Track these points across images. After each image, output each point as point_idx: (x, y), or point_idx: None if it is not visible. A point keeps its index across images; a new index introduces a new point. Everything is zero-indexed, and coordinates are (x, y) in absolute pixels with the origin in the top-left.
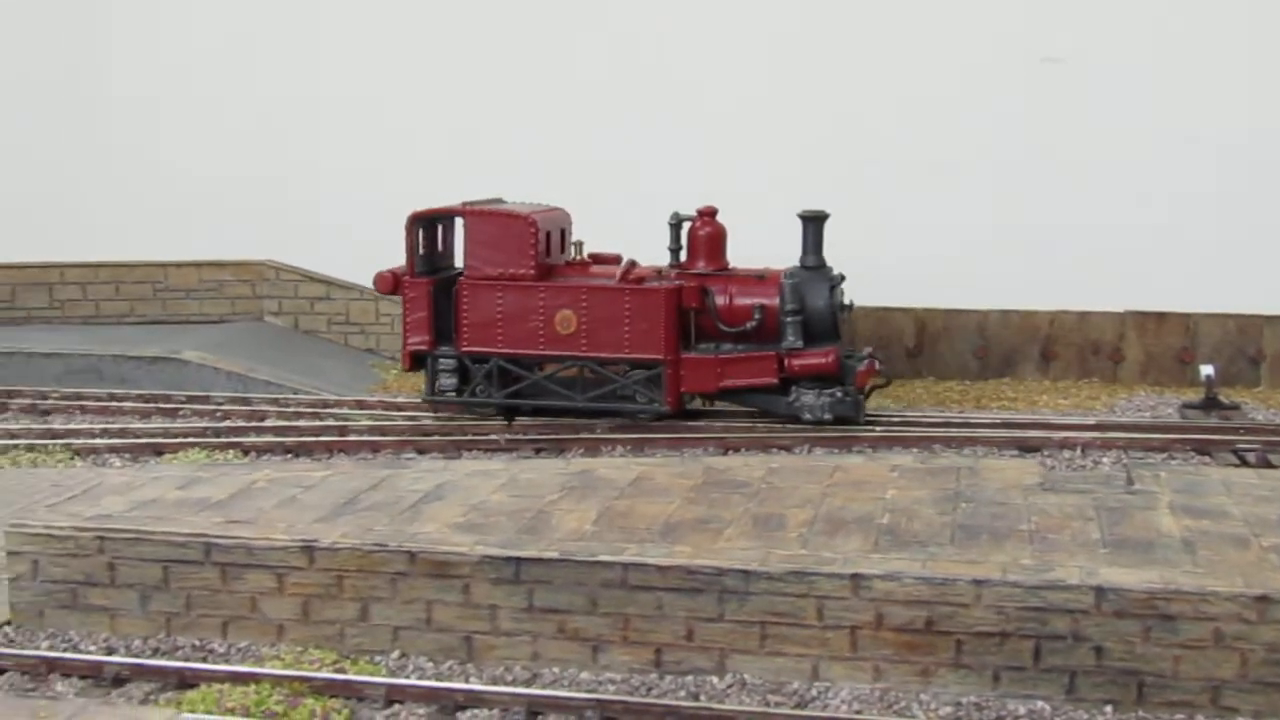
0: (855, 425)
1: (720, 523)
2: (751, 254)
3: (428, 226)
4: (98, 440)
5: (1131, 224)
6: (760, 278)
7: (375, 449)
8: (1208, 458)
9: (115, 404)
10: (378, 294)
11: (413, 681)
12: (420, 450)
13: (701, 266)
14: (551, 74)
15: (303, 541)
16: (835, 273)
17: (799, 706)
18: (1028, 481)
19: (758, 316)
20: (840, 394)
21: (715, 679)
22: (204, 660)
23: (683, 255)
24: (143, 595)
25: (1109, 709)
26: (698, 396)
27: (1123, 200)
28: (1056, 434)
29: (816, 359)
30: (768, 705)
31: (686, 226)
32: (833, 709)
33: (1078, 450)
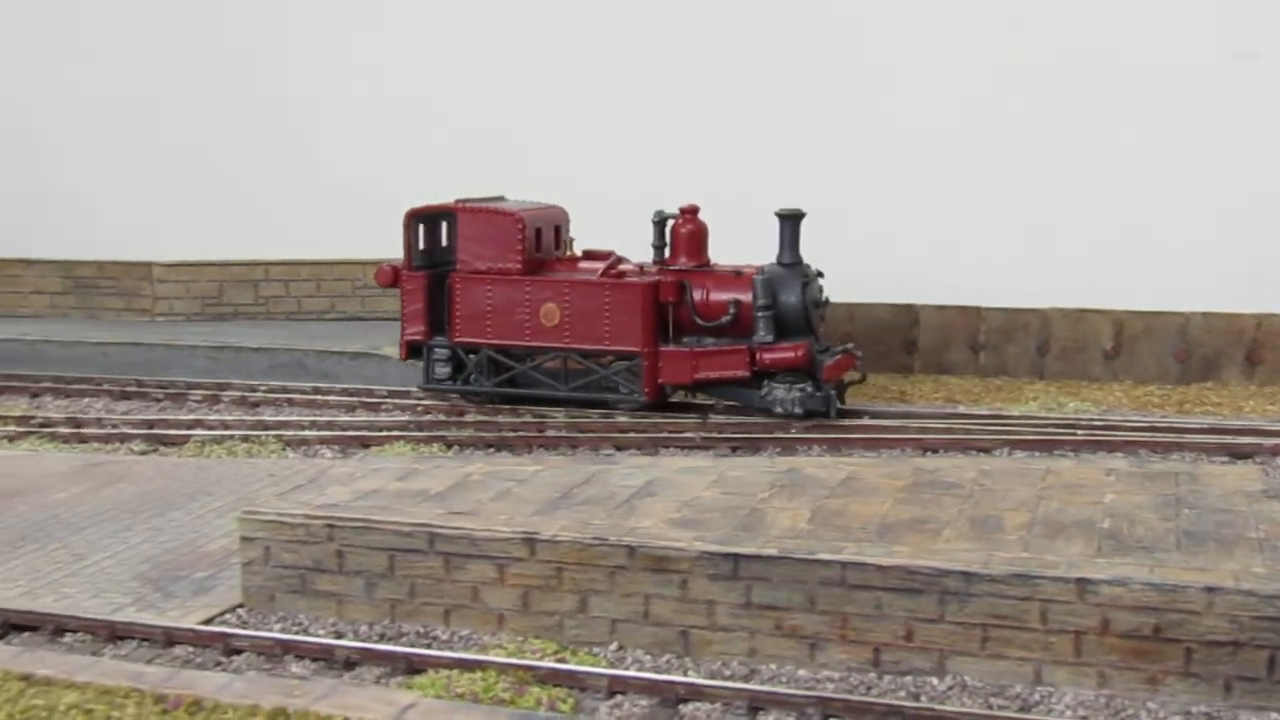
0: (828, 419)
1: (936, 523)
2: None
3: (426, 222)
4: (307, 432)
5: None
6: (737, 274)
7: (574, 445)
8: None
9: (320, 397)
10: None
11: (634, 673)
12: (617, 446)
13: (683, 263)
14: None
15: (523, 533)
16: (812, 270)
17: (1023, 710)
18: (1250, 488)
19: (732, 311)
20: (810, 389)
21: (935, 680)
22: (428, 647)
23: (668, 252)
24: (369, 582)
25: None
26: (677, 388)
27: None
28: (1268, 440)
29: (786, 353)
30: (990, 708)
31: (670, 224)
32: (1057, 714)
33: None
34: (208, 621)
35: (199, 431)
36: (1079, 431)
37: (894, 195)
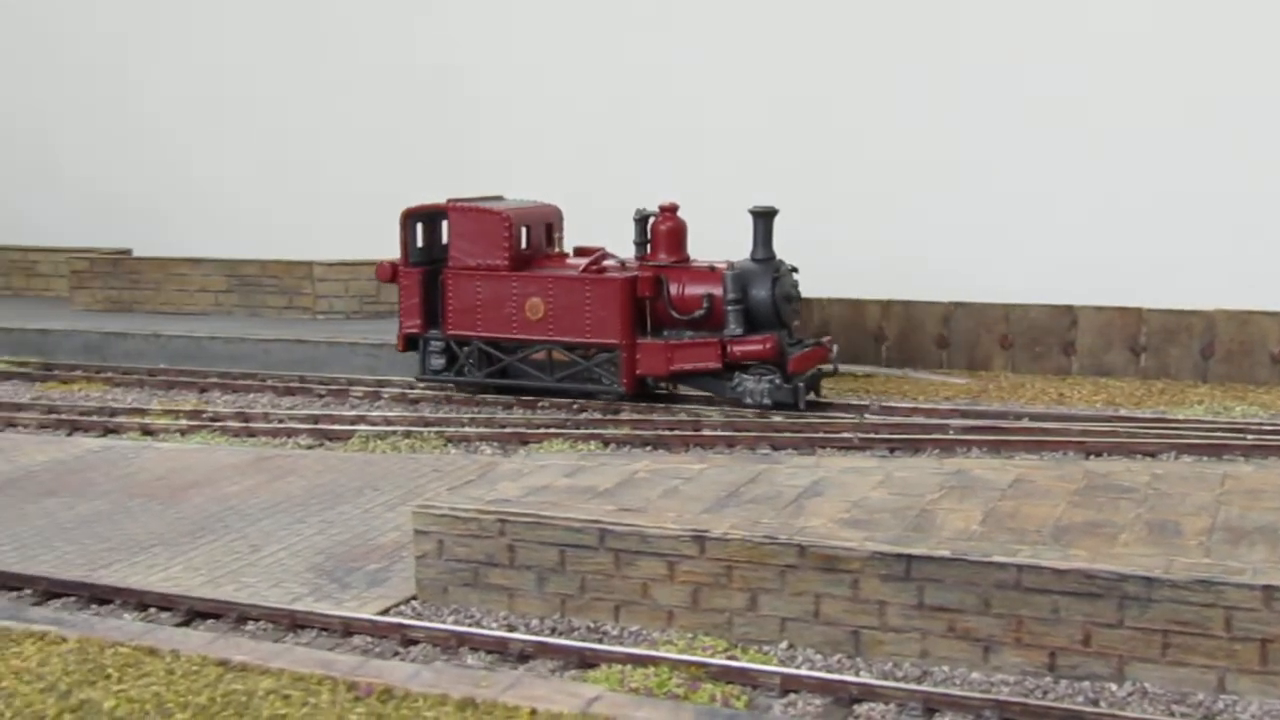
0: (795, 411)
1: (1112, 527)
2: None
3: (424, 221)
4: (467, 429)
5: None
6: (711, 269)
7: (730, 444)
8: None
9: (480, 395)
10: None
11: (807, 672)
12: (773, 446)
13: (662, 258)
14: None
15: (693, 531)
16: (784, 266)
17: (1206, 719)
18: None
19: (706, 305)
20: (779, 380)
21: (1114, 686)
22: (599, 642)
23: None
24: (540, 577)
25: None
26: (655, 379)
27: None
28: None
29: (755, 345)
30: (1172, 715)
31: (651, 222)
32: None
33: None
34: (384, 612)
35: (362, 427)
36: (1249, 436)
37: (1052, 196)
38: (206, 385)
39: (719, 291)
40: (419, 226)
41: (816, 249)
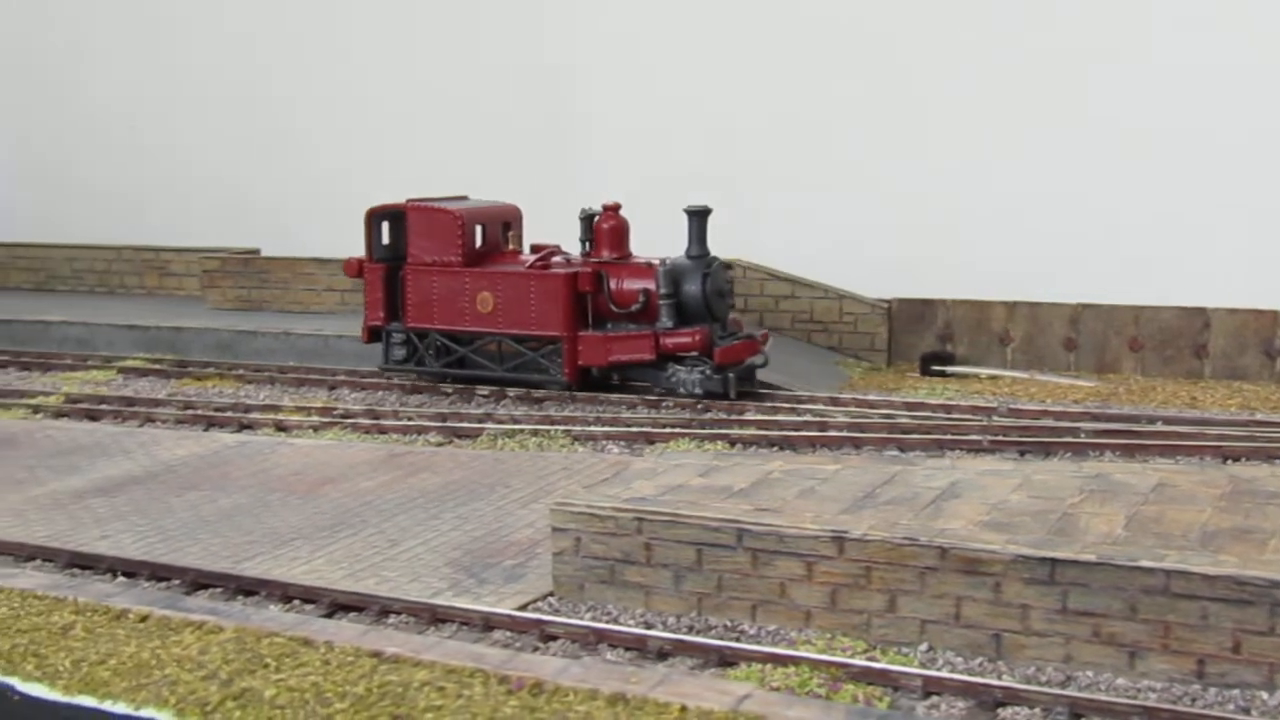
0: (728, 400)
1: (1262, 533)
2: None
3: (389, 220)
4: (593, 428)
5: None
6: (649, 265)
7: (857, 445)
8: None
9: (601, 395)
10: (828, 294)
11: (950, 675)
12: (901, 447)
13: (605, 255)
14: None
15: (832, 532)
16: (716, 262)
17: None
18: None
19: (642, 300)
20: (709, 371)
21: (1265, 694)
22: (737, 640)
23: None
24: (676, 575)
25: None
26: (598, 370)
27: None
28: None
29: (685, 338)
30: None
31: (595, 220)
32: None
33: None
34: (522, 608)
35: (490, 425)
36: None
37: (1184, 198)
38: (335, 383)
39: (654, 286)
40: (384, 225)
41: (943, 249)
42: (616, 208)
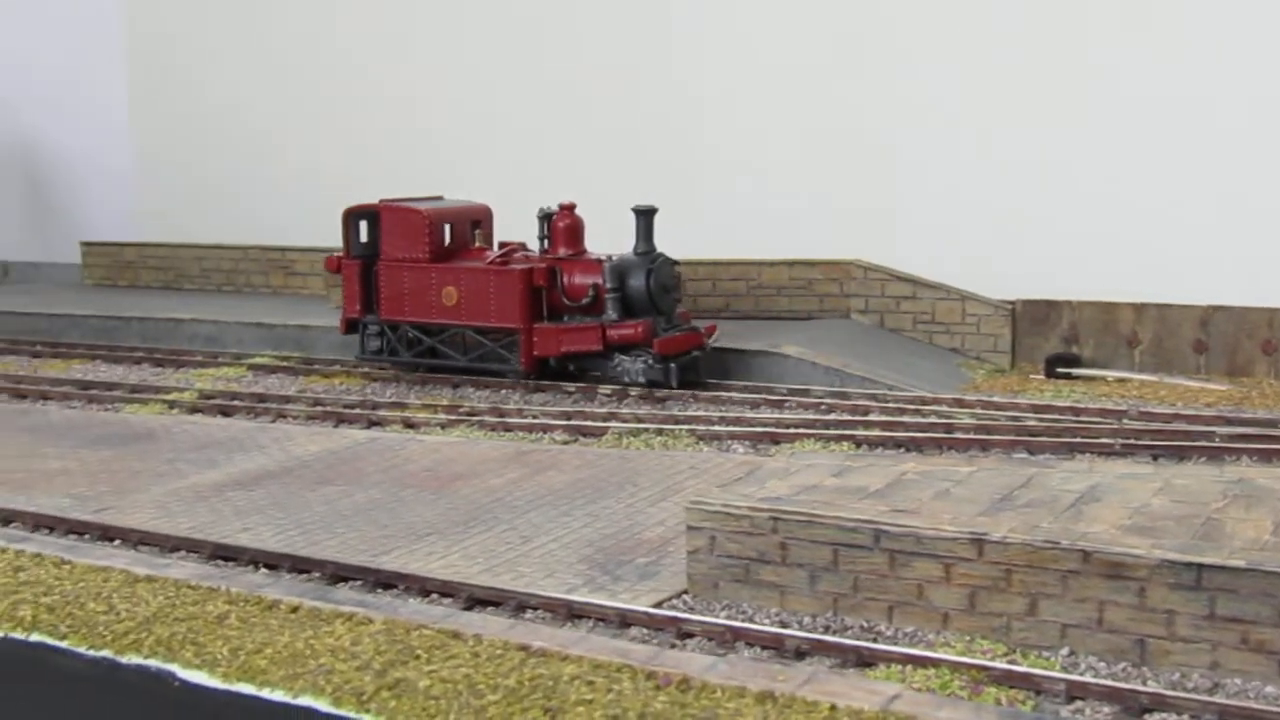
0: (669, 389)
1: None
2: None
3: (365, 218)
4: (717, 427)
5: None
6: (599, 262)
7: (984, 447)
8: None
9: (724, 394)
10: (950, 295)
11: (1094, 680)
12: (1030, 450)
13: (562, 252)
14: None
15: (971, 534)
16: (661, 258)
17: None
18: None
19: (591, 294)
20: (652, 361)
21: None
22: (874, 641)
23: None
24: (812, 575)
25: None
26: (553, 360)
27: None
28: None
29: (628, 330)
30: None
31: (552, 219)
32: None
33: None
34: (657, 605)
35: (615, 424)
36: None
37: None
38: (459, 382)
39: (602, 281)
40: (361, 223)
41: (1068, 249)
42: (572, 207)
